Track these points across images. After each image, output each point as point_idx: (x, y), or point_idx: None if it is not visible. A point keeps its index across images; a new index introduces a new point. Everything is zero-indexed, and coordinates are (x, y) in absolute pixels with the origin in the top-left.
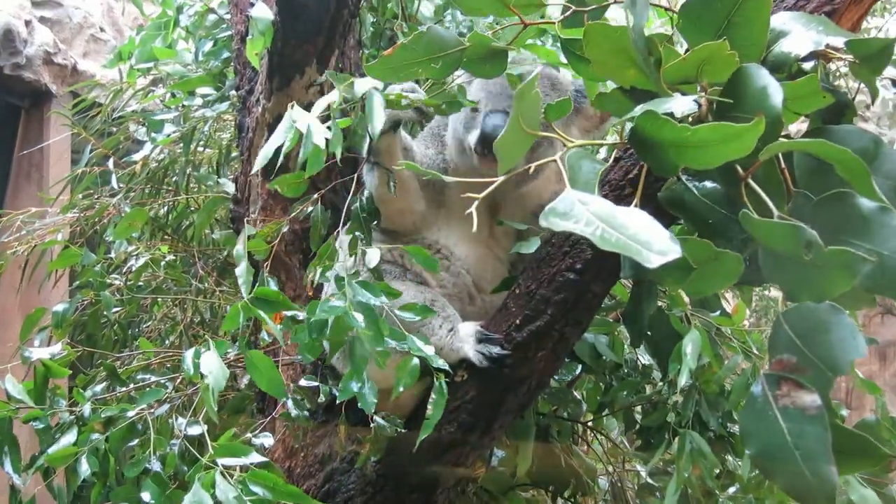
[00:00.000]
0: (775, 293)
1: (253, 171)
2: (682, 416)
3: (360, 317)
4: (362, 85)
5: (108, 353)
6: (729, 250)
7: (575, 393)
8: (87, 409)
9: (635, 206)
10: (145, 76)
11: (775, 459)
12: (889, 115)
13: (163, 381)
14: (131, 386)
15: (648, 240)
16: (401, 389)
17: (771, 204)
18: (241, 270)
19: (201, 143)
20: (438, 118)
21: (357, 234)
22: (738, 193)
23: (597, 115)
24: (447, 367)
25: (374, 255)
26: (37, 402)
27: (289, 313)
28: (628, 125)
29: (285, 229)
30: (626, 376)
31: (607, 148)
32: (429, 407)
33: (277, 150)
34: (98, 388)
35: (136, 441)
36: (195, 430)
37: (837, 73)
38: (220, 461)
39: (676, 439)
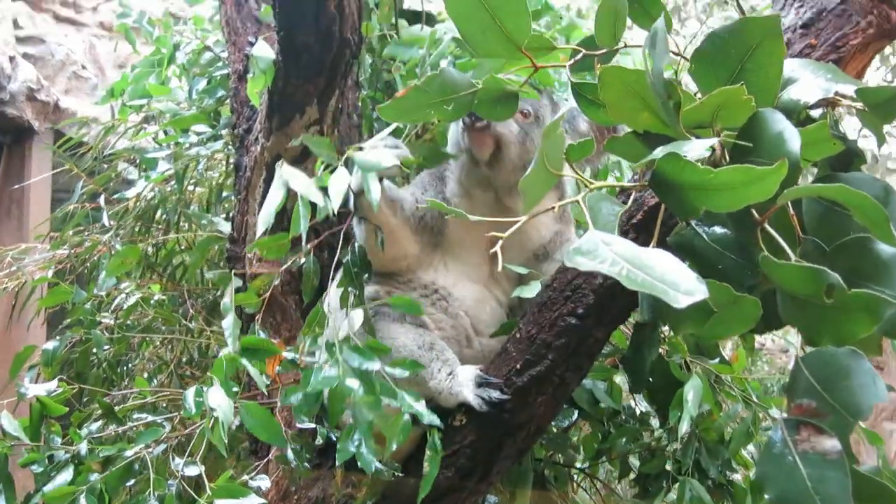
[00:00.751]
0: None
1: (259, 234)
2: (682, 463)
3: (355, 383)
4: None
5: (102, 390)
6: (747, 294)
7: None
8: (83, 447)
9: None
10: (138, 113)
11: None
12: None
13: (159, 421)
14: (128, 425)
15: (675, 280)
16: (394, 447)
17: (787, 248)
18: (229, 322)
19: (194, 181)
20: None
21: (350, 289)
22: (749, 239)
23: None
24: (439, 423)
25: (358, 317)
26: (32, 440)
27: (287, 356)
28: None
29: (276, 281)
30: (623, 423)
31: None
32: (425, 464)
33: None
34: (94, 426)
35: (132, 481)
36: (192, 471)
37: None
38: (218, 503)
39: (675, 487)
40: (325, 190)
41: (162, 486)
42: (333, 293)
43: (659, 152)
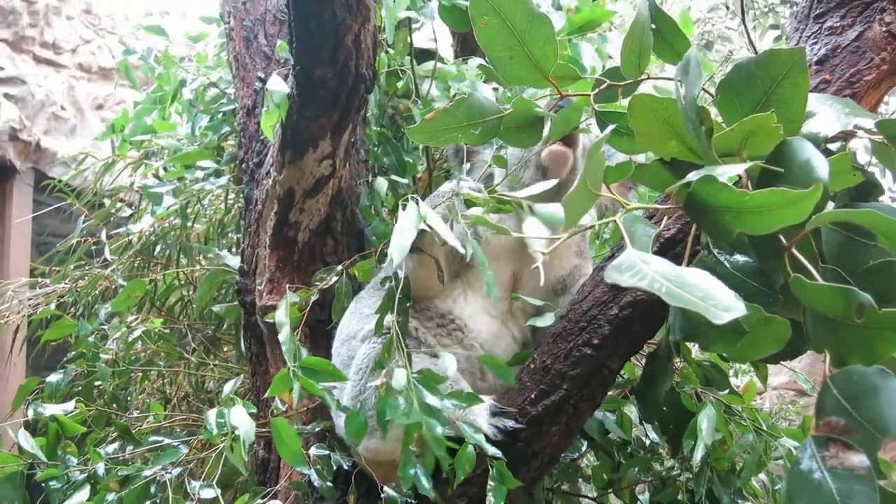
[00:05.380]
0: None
1: (395, 264)
2: (695, 492)
3: (433, 422)
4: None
5: (114, 411)
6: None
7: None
8: (100, 467)
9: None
10: (138, 149)
11: None
12: None
13: (175, 444)
14: (143, 447)
15: (714, 297)
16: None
17: (815, 272)
18: (285, 336)
19: (194, 217)
20: None
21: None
22: (772, 266)
23: None
24: (500, 454)
25: (451, 365)
26: (49, 459)
27: (331, 385)
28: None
29: (315, 298)
30: (633, 453)
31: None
32: (489, 496)
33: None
34: (110, 448)
35: (148, 503)
36: (208, 494)
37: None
38: None
39: None
40: None
41: None
42: (349, 317)
43: (694, 175)
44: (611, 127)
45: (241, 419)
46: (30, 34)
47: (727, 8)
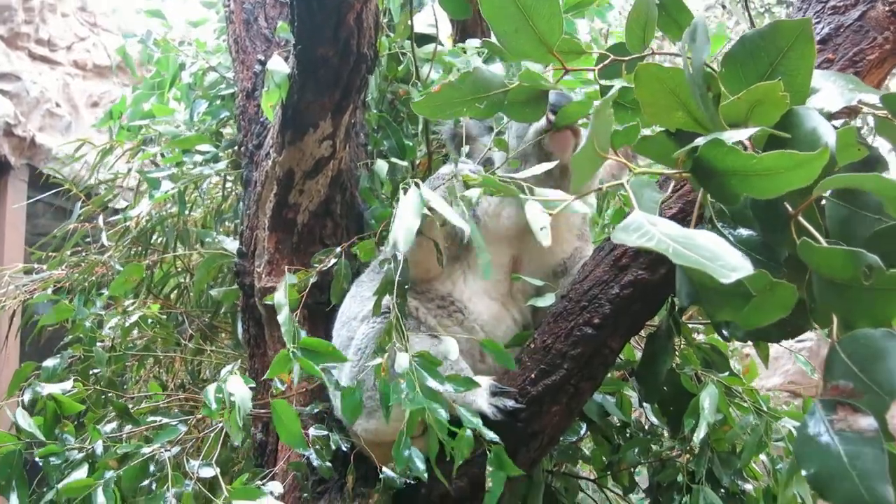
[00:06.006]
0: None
1: (403, 251)
2: (696, 472)
3: (436, 406)
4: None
5: (114, 391)
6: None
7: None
8: (98, 446)
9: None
10: (135, 137)
11: (832, 480)
12: None
13: (174, 423)
14: (142, 427)
15: (722, 257)
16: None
17: (821, 238)
18: (284, 318)
19: (191, 204)
20: None
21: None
22: (778, 239)
23: None
24: (497, 438)
25: (453, 349)
26: (47, 438)
27: (331, 366)
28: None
29: (314, 280)
30: (633, 435)
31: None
32: (488, 480)
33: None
34: (108, 427)
35: (147, 481)
36: (207, 473)
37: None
38: (235, 503)
39: (687, 498)
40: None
41: (180, 482)
42: (349, 300)
43: (701, 140)
44: (618, 84)
45: (237, 388)
46: (25, 31)
47: (723, 7)
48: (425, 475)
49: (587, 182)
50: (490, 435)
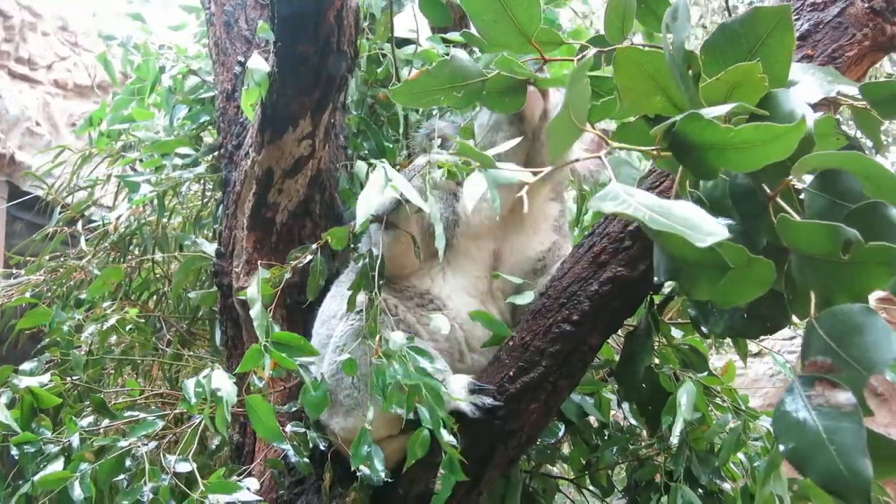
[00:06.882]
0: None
1: (359, 223)
2: (674, 471)
3: (433, 382)
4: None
5: (94, 386)
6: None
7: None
8: (75, 439)
9: None
10: (115, 140)
11: (810, 455)
12: None
13: (151, 419)
14: (119, 421)
15: (697, 223)
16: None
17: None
18: (256, 312)
19: (170, 211)
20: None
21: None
22: (756, 225)
23: None
24: (455, 442)
25: (444, 324)
26: (23, 430)
27: (307, 360)
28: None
29: (288, 276)
30: (611, 436)
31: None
32: (437, 483)
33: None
34: (84, 421)
35: (123, 476)
36: (184, 468)
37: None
38: (211, 497)
39: (665, 498)
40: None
41: (157, 475)
42: (329, 300)
43: (679, 116)
44: (593, 49)
45: (222, 382)
46: (5, 49)
47: (704, 28)
48: (381, 475)
49: (564, 153)
50: (447, 438)
